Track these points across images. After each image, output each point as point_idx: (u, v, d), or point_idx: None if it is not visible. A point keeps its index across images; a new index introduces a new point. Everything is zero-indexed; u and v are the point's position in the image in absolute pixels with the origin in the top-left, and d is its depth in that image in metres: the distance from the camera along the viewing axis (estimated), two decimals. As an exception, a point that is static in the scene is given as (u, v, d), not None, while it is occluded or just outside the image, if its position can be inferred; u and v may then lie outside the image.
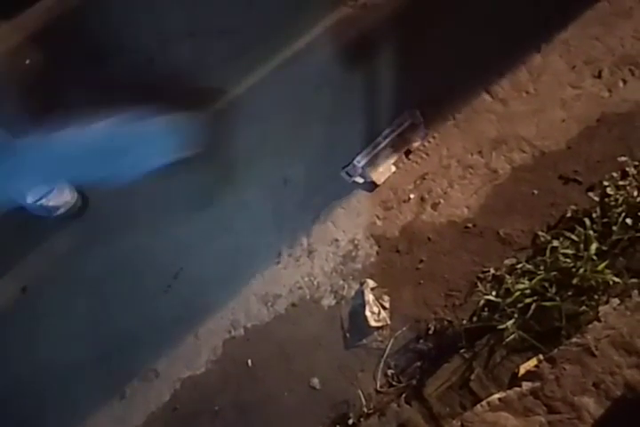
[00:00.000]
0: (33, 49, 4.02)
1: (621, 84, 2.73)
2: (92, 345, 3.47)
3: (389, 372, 2.81)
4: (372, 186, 3.07)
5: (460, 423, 2.32)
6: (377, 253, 2.99)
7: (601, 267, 2.40)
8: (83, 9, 3.96)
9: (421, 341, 2.78)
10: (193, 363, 3.26)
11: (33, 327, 3.64)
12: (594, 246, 2.44)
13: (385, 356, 2.83)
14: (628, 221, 2.45)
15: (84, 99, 3.63)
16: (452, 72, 3.02)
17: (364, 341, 2.90)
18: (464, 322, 2.69)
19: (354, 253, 3.04)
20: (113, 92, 3.48)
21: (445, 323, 2.75)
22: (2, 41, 4.11)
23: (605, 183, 2.58)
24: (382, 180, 3.06)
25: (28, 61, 3.99)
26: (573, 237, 2.53)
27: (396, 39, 3.17)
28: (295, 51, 3.38)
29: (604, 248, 2.46)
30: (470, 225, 2.83)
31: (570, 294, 2.47)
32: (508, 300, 2.54)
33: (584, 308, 2.40)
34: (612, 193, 2.55)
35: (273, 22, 3.48)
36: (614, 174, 2.60)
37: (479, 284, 2.71)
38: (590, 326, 2.28)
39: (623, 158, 2.61)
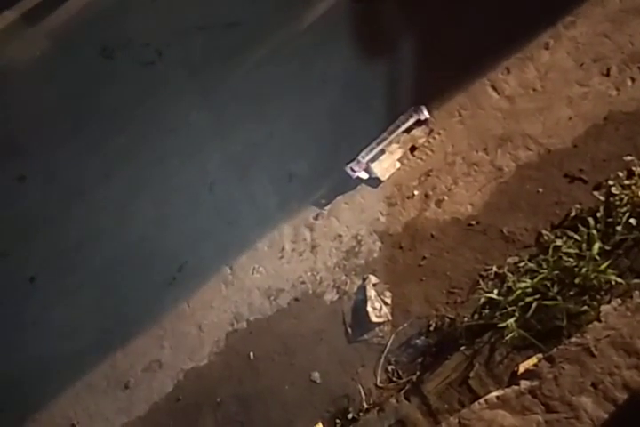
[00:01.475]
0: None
1: (630, 82, 2.70)
2: (96, 336, 3.52)
3: (390, 368, 2.82)
4: (376, 182, 3.07)
5: (457, 420, 2.33)
6: (380, 249, 2.99)
7: (603, 267, 2.39)
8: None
9: (422, 337, 2.79)
10: (196, 355, 3.30)
11: (39, 317, 3.69)
12: (597, 246, 2.42)
13: (385, 351, 2.84)
14: (633, 221, 2.43)
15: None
16: (459, 68, 3.00)
17: (366, 336, 2.91)
18: (465, 319, 2.69)
19: (357, 249, 3.05)
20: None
21: (447, 320, 2.75)
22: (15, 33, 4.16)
23: (610, 182, 2.56)
24: (387, 176, 3.05)
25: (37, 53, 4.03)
26: (576, 236, 2.51)
27: (403, 36, 3.15)
28: (301, 45, 3.38)
29: (608, 248, 2.45)
30: (474, 222, 2.83)
31: (572, 293, 2.46)
32: (510, 298, 2.54)
33: (585, 307, 2.39)
34: (617, 192, 2.53)
35: (280, 16, 3.47)
36: (620, 174, 2.57)
37: (481, 281, 2.71)
38: (590, 325, 2.27)
39: (629, 158, 2.58)
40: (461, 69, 2.99)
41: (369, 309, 2.89)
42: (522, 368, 2.37)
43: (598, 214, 2.51)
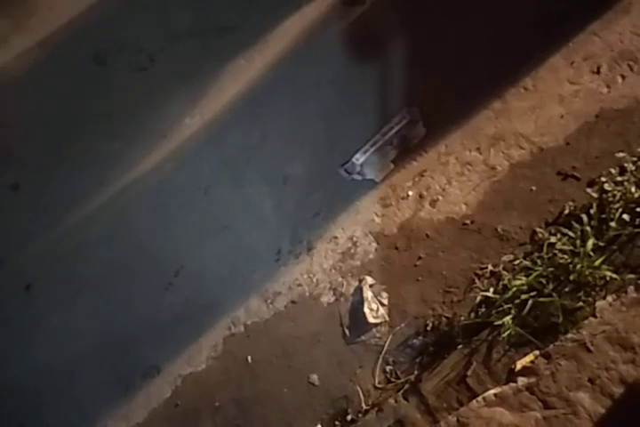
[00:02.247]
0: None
1: (620, 79, 2.72)
2: (93, 342, 3.51)
3: (388, 368, 2.82)
4: (370, 183, 3.08)
5: (455, 419, 2.33)
6: (375, 250, 3.00)
7: (597, 263, 2.40)
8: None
9: (420, 337, 2.79)
10: (194, 360, 3.29)
11: (36, 325, 3.68)
12: (590, 242, 2.43)
13: (383, 352, 2.84)
14: (626, 216, 2.43)
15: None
16: (451, 69, 3.01)
17: (363, 337, 2.91)
18: (462, 318, 2.70)
19: (352, 251, 3.05)
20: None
21: (443, 319, 2.76)
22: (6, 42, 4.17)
23: (603, 179, 2.57)
24: (381, 177, 3.06)
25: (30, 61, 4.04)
26: (570, 233, 2.52)
27: (395, 38, 3.17)
28: (294, 48, 3.40)
29: (602, 244, 2.45)
30: (468, 222, 2.83)
31: (567, 289, 2.46)
32: (506, 296, 2.54)
33: (581, 304, 2.40)
34: (609, 189, 2.54)
35: (273, 20, 3.49)
36: (612, 170, 2.58)
37: (477, 280, 2.72)
38: (586, 321, 2.27)
39: (621, 154, 2.60)
40: (453, 70, 3.01)
41: (366, 310, 2.89)
42: (519, 365, 2.37)
43: (592, 211, 2.52)
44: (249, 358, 3.14)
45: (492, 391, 2.31)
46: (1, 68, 4.13)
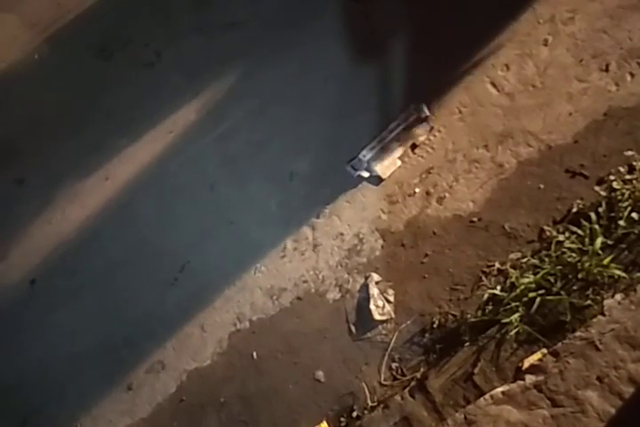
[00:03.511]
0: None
1: (629, 77, 2.71)
2: (98, 338, 3.51)
3: (394, 365, 2.82)
4: (377, 180, 3.07)
5: (463, 416, 2.33)
6: (382, 247, 2.99)
7: (606, 261, 2.40)
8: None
9: (426, 334, 2.79)
10: (199, 355, 3.29)
11: (41, 320, 3.68)
12: (599, 241, 2.43)
13: (389, 349, 2.83)
14: (635, 215, 2.44)
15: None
16: (459, 66, 3.00)
17: (369, 334, 2.91)
18: (469, 316, 2.69)
19: (359, 247, 3.05)
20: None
21: (450, 317, 2.75)
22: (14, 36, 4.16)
23: (612, 177, 2.57)
24: (388, 174, 3.05)
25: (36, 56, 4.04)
26: (579, 231, 2.52)
27: (403, 34, 3.16)
28: (300, 45, 3.38)
29: (610, 242, 2.45)
30: (475, 219, 2.83)
31: (575, 288, 2.46)
32: (513, 294, 2.54)
33: (589, 302, 2.39)
34: (618, 187, 2.53)
35: (278, 16, 3.48)
36: (621, 168, 2.58)
37: (484, 278, 2.71)
38: (594, 320, 2.27)
39: (630, 152, 2.59)
40: (461, 67, 3.00)
41: (372, 307, 2.89)
42: (527, 363, 2.37)
43: (600, 209, 2.52)
44: (254, 353, 3.14)
45: (499, 389, 2.31)
46: (8, 63, 4.12)
